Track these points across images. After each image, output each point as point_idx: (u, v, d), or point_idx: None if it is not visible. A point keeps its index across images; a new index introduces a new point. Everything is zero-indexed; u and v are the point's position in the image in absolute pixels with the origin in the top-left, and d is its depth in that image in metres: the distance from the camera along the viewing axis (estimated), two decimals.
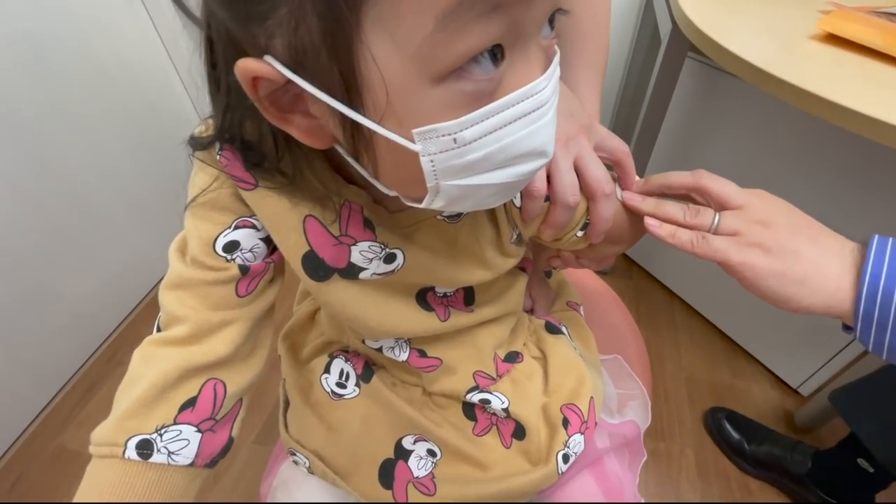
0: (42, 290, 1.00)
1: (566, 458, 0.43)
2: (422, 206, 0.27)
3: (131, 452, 0.29)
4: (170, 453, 0.30)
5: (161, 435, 0.30)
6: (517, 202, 0.36)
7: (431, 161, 0.23)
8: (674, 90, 0.96)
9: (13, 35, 0.87)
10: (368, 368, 0.47)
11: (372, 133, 0.23)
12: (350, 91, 0.22)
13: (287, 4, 0.20)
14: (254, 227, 0.33)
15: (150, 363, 0.31)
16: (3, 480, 0.96)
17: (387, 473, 0.43)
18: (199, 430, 0.31)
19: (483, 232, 0.37)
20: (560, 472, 0.43)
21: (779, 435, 0.95)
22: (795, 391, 1.06)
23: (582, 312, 0.56)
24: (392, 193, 0.28)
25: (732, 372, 1.11)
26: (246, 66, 0.23)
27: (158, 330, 0.33)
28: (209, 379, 0.32)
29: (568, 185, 0.35)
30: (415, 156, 0.23)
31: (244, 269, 0.32)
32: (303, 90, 0.23)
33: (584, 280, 0.67)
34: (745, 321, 1.12)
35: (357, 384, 0.46)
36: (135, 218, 1.19)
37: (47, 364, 1.05)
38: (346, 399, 0.46)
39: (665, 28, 0.90)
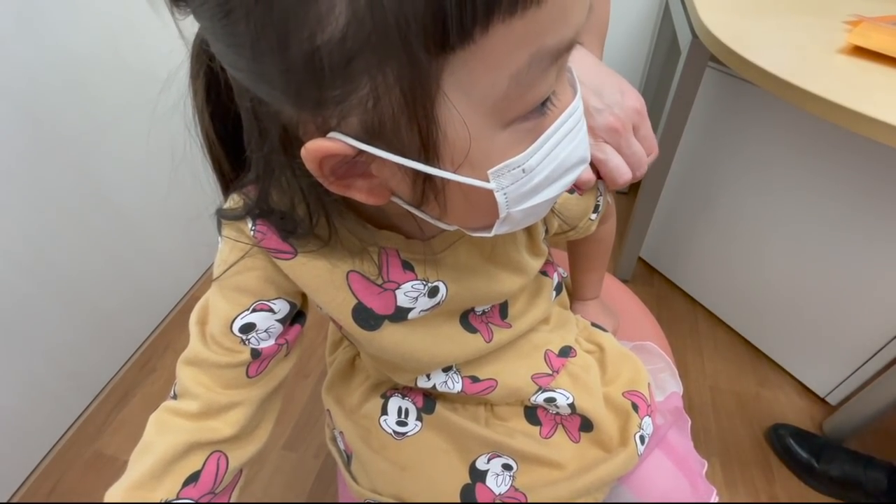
0: (79, 298, 1.03)
1: (642, 439, 0.45)
2: (490, 234, 0.28)
3: None
4: None
5: None
6: None
7: (504, 194, 0.25)
8: (694, 100, 0.97)
9: (59, 57, 0.92)
10: (429, 399, 0.47)
11: (445, 182, 0.24)
12: (427, 149, 0.23)
13: (369, 84, 0.20)
14: (271, 310, 0.35)
15: (162, 432, 0.33)
16: (42, 484, 0.99)
17: (469, 498, 0.44)
18: None
19: (517, 235, 0.39)
20: (639, 453, 0.44)
21: (849, 452, 0.91)
22: (823, 400, 1.05)
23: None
24: (452, 228, 0.29)
25: (758, 381, 1.10)
26: (317, 147, 0.23)
27: (174, 395, 0.35)
28: (214, 452, 0.34)
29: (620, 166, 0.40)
30: (488, 193, 0.25)
31: (255, 354, 0.34)
32: (371, 158, 0.23)
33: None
34: (770, 329, 1.11)
35: (419, 418, 0.47)
36: (166, 230, 1.23)
37: (84, 371, 1.08)
38: (410, 436, 0.46)
39: (685, 39, 0.90)
